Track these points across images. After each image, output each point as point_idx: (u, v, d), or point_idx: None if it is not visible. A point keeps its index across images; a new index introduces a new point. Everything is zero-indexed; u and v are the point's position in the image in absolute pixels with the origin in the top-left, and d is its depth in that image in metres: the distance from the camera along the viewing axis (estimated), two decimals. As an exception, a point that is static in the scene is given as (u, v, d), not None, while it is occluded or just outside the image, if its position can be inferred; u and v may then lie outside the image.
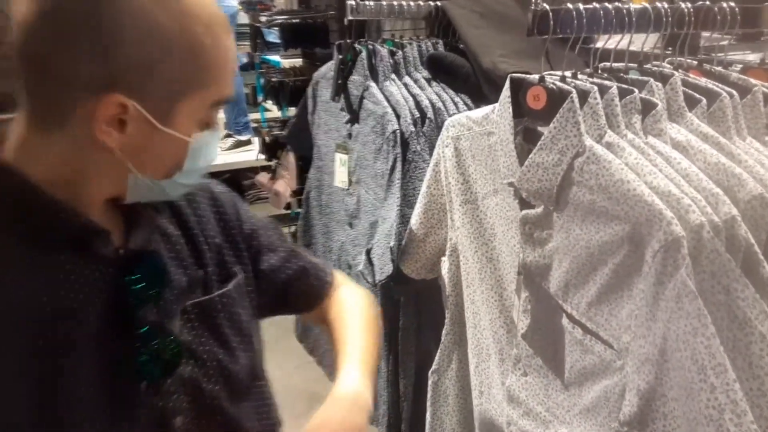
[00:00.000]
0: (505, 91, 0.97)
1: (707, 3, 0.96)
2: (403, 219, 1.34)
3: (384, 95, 1.41)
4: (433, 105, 1.38)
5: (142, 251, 0.71)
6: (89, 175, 0.66)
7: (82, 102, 0.61)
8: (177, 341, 0.71)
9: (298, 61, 3.75)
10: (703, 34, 1.18)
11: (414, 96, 1.40)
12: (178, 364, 0.71)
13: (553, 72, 0.95)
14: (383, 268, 1.40)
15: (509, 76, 0.97)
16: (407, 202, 1.34)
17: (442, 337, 1.24)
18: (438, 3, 1.55)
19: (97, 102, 0.60)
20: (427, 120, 1.35)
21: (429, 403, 1.28)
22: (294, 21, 3.39)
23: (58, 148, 0.64)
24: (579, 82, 0.90)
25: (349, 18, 1.49)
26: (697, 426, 0.70)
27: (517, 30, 1.49)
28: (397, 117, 1.37)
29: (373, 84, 1.44)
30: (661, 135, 0.84)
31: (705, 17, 0.95)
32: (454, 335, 1.23)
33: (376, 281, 1.41)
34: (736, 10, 0.94)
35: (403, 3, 1.51)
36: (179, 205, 0.78)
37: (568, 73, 0.93)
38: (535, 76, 0.93)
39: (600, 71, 0.97)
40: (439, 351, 1.25)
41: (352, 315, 0.89)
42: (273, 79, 3.61)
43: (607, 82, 0.88)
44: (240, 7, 5.21)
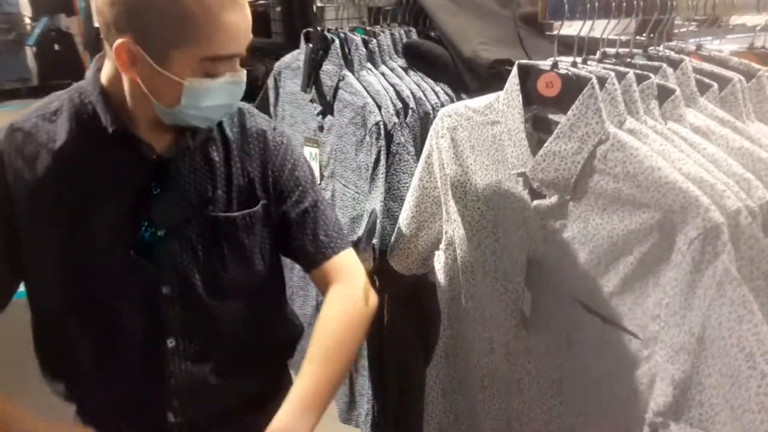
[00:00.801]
0: (513, 78, 0.94)
1: None
2: (389, 213, 1.30)
3: (362, 85, 1.35)
4: (413, 94, 1.33)
5: (169, 160, 0.98)
6: (130, 96, 0.94)
7: (112, 40, 0.86)
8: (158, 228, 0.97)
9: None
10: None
11: (393, 86, 1.35)
12: (169, 247, 0.98)
13: (562, 58, 0.93)
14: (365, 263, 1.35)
15: (517, 63, 0.94)
16: (392, 196, 1.30)
17: (440, 332, 1.21)
18: (409, -11, 1.51)
19: (119, 41, 0.86)
20: (409, 110, 1.31)
21: (427, 399, 1.24)
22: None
23: (113, 74, 0.93)
24: (593, 68, 0.88)
25: (319, 5, 1.42)
26: (744, 413, 0.70)
27: (491, 18, 1.48)
28: (378, 107, 1.32)
29: (349, 74, 1.39)
30: (681, 121, 0.83)
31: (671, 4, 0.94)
32: (452, 329, 1.20)
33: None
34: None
35: (374, -11, 1.46)
36: (230, 140, 1.03)
37: (579, 59, 0.91)
38: (547, 63, 0.91)
39: (606, 57, 0.95)
40: (437, 346, 1.21)
41: (319, 338, 0.99)
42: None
43: (622, 68, 0.87)
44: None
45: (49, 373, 1.04)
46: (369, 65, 1.40)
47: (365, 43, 1.42)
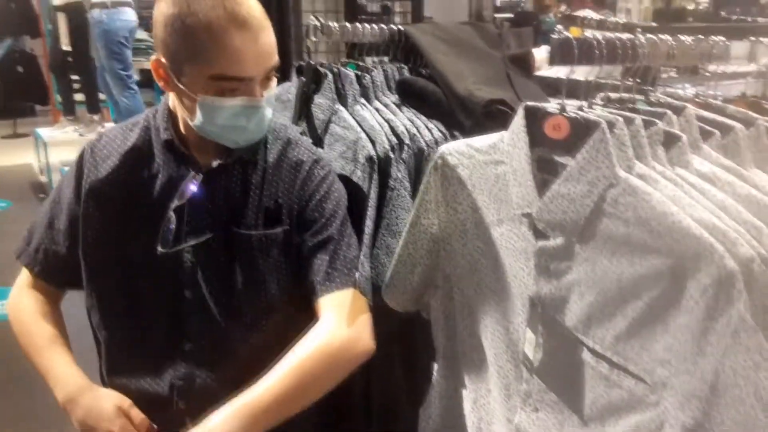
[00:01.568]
0: (520, 120, 0.94)
1: (657, 37, 0.97)
2: (387, 250, 1.28)
3: (356, 120, 1.35)
4: (408, 130, 1.33)
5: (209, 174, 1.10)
6: (178, 111, 1.09)
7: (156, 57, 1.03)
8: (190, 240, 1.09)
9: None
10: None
11: (388, 121, 1.34)
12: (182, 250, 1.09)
13: (568, 101, 0.94)
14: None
15: (524, 105, 0.94)
16: (390, 232, 1.29)
17: (434, 372, 1.19)
18: (401, 27, 1.52)
19: (152, 58, 1.03)
20: (405, 146, 1.31)
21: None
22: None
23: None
24: (600, 113, 0.89)
25: (313, 39, 1.42)
26: (760, 462, 0.70)
27: (483, 59, 1.49)
28: (372, 142, 1.31)
29: (342, 108, 1.38)
30: (688, 167, 0.85)
31: (656, 52, 0.96)
32: (446, 369, 1.18)
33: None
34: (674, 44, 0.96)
35: (366, 26, 1.46)
36: (268, 165, 1.13)
37: (585, 103, 0.92)
38: (554, 105, 0.92)
39: (610, 101, 0.97)
40: (430, 386, 1.19)
41: (284, 362, 1.02)
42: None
43: (628, 114, 0.88)
44: (137, 21, 4.97)
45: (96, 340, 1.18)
46: (363, 100, 1.40)
47: (359, 78, 1.42)
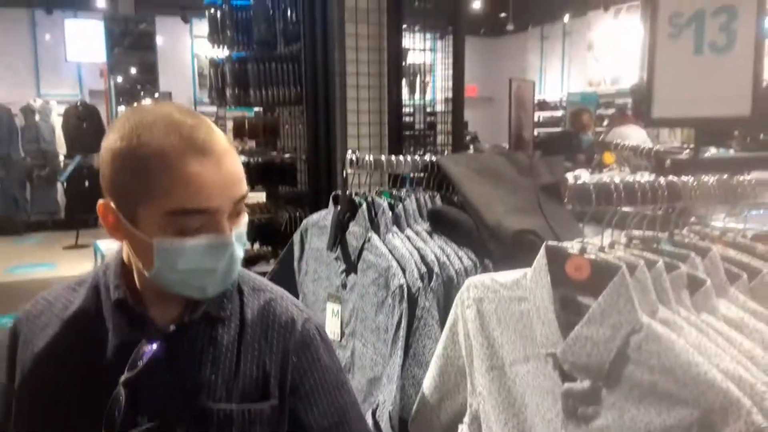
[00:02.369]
0: (542, 259, 0.95)
1: (678, 180, 0.98)
2: (413, 380, 1.27)
3: (387, 248, 1.38)
4: (438, 259, 1.35)
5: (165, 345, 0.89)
6: (131, 263, 0.92)
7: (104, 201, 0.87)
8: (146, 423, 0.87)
9: (258, 197, 3.76)
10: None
11: (418, 249, 1.37)
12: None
13: (589, 240, 0.95)
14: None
15: (545, 244, 0.96)
16: (417, 362, 1.28)
17: None
18: (434, 158, 1.58)
19: (99, 202, 0.86)
20: (434, 275, 1.32)
21: None
22: (260, 160, 3.42)
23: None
24: (622, 254, 0.89)
25: (348, 171, 1.48)
26: None
27: (513, 187, 1.53)
28: (402, 271, 1.33)
29: (375, 236, 1.42)
30: (714, 312, 0.83)
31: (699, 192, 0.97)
32: None
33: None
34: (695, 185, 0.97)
35: (400, 158, 1.53)
36: (247, 322, 0.94)
37: (606, 243, 0.93)
38: (575, 246, 0.92)
39: (632, 241, 0.97)
40: None
41: None
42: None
43: (650, 255, 0.88)
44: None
45: None
46: (395, 228, 1.44)
47: (391, 207, 1.47)
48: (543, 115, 11.64)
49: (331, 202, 1.55)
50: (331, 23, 3.01)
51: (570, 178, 1.73)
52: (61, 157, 9.36)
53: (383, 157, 1.51)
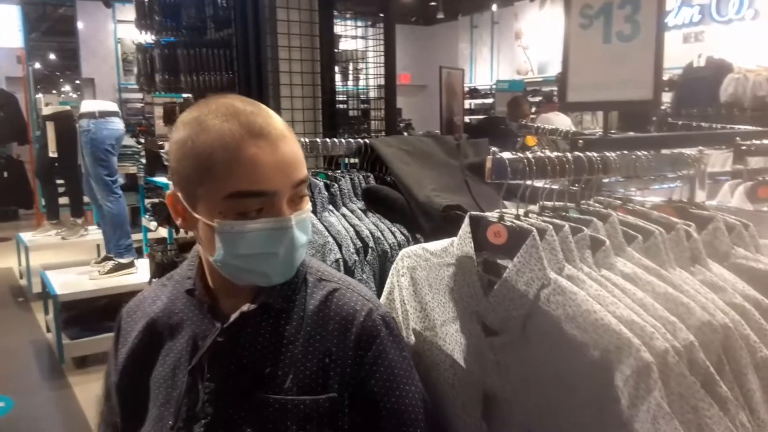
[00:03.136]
0: (466, 227, 1.05)
1: (584, 155, 1.10)
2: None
3: (324, 225, 1.45)
4: (372, 234, 1.44)
5: (228, 334, 0.93)
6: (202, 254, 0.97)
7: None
8: (199, 409, 0.91)
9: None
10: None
11: (354, 226, 1.45)
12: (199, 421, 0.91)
13: (507, 210, 1.05)
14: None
15: (468, 214, 1.06)
16: (354, 331, 1.36)
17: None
18: (367, 140, 1.66)
19: (168, 192, 0.92)
20: (369, 249, 1.41)
21: None
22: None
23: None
24: (533, 221, 1.00)
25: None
26: None
27: (442, 168, 1.63)
28: (339, 246, 1.41)
29: (311, 215, 1.48)
30: (612, 268, 0.95)
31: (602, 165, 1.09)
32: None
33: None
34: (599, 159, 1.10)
35: (335, 140, 1.60)
36: (306, 313, 0.96)
37: (521, 212, 1.03)
38: (494, 215, 1.03)
39: (544, 210, 1.08)
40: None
41: None
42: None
43: (558, 221, 0.99)
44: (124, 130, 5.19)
45: None
46: (331, 207, 1.51)
47: (327, 187, 1.54)
48: (474, 102, 11.92)
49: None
50: (262, 9, 3.04)
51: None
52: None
53: (318, 139, 1.58)
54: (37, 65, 9.40)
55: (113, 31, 10.76)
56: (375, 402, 0.94)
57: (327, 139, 1.58)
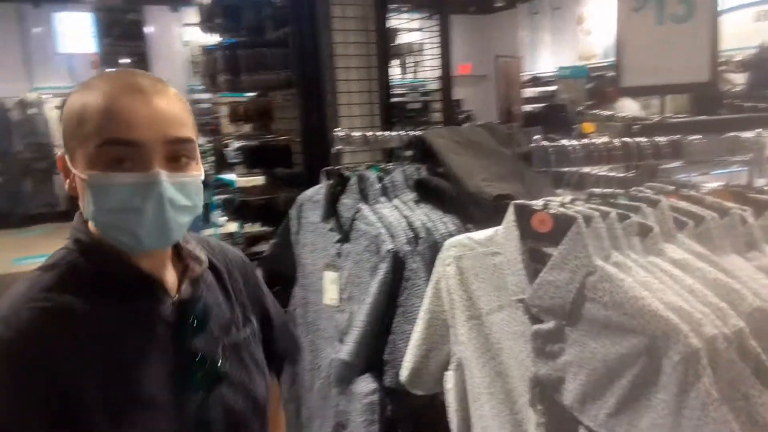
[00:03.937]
0: (511, 216, 1.06)
1: (633, 140, 1.09)
2: (404, 336, 1.38)
3: (377, 217, 1.48)
4: (424, 225, 1.46)
5: (191, 298, 0.96)
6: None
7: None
8: (220, 366, 0.96)
9: (254, 180, 3.85)
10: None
11: (406, 217, 1.48)
12: (221, 381, 0.96)
13: (552, 198, 1.05)
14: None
15: (513, 203, 1.06)
16: (406, 319, 1.39)
17: (450, 455, 1.24)
18: (417, 133, 1.68)
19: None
20: (420, 239, 1.43)
21: None
22: (256, 143, 3.52)
23: None
24: (579, 208, 0.99)
25: (338, 147, 1.58)
26: None
27: (494, 157, 1.63)
28: (392, 237, 1.44)
29: (365, 206, 1.52)
30: (661, 255, 0.93)
31: (678, 149, 1.08)
32: (462, 452, 1.24)
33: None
34: (705, 141, 1.08)
35: (386, 133, 1.62)
36: (218, 267, 1.05)
37: (568, 199, 1.03)
38: (539, 203, 1.03)
39: (593, 197, 1.07)
40: (448, 470, 1.25)
41: None
42: (234, 198, 3.68)
43: (605, 208, 0.98)
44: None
45: None
46: (383, 199, 1.54)
47: (380, 179, 1.57)
48: (537, 90, 11.68)
49: (323, 177, 1.64)
50: (317, 6, 3.09)
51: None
52: (57, 150, 9.45)
53: (369, 133, 1.61)
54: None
55: (180, 35, 11.14)
56: (269, 312, 1.17)
57: (378, 132, 1.60)
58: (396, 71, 3.66)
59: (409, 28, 3.84)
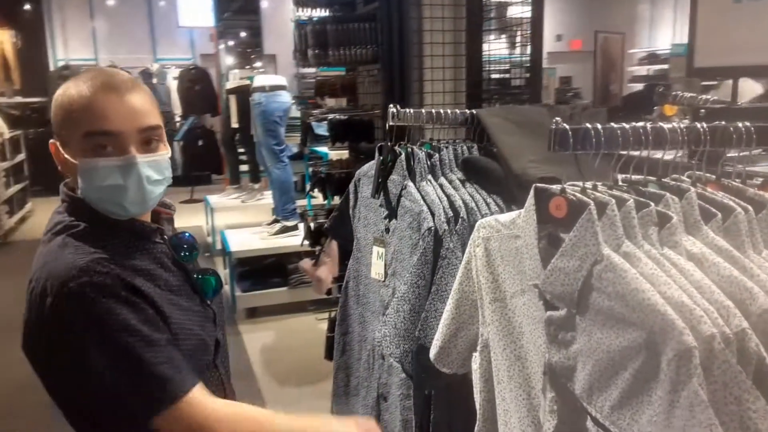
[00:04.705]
0: (530, 199, 1.04)
1: (723, 123, 1.02)
2: (436, 314, 1.39)
3: (420, 194, 1.49)
4: (466, 205, 1.45)
5: (175, 235, 1.22)
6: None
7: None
8: (216, 276, 1.25)
9: (344, 154, 3.95)
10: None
11: (448, 196, 1.48)
12: (222, 286, 1.26)
13: (575, 183, 1.02)
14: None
15: (534, 185, 1.04)
16: (440, 297, 1.40)
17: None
18: (473, 111, 1.66)
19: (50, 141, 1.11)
20: (460, 219, 1.43)
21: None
22: (342, 118, 3.59)
23: None
24: (598, 194, 0.96)
25: (390, 123, 1.60)
26: None
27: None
28: (432, 215, 1.45)
29: (410, 183, 1.54)
30: (676, 247, 0.89)
31: (722, 136, 1.01)
32: (486, 432, 1.24)
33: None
34: (752, 129, 1.00)
35: (440, 111, 1.62)
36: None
37: (589, 185, 1.00)
38: (557, 187, 1.00)
39: (621, 183, 1.03)
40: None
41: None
42: (320, 170, 3.79)
43: (624, 195, 0.94)
44: (293, 102, 5.56)
45: None
46: (430, 177, 1.55)
47: (429, 156, 1.57)
48: (653, 68, 10.99)
49: (376, 152, 1.67)
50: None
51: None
52: (177, 118, 10.08)
53: (423, 110, 1.61)
54: (230, 43, 10.29)
55: (294, 10, 11.45)
56: None
57: (432, 110, 1.60)
58: (497, 46, 3.57)
59: (516, 1, 3.73)
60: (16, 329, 1.07)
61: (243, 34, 10.88)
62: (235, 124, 6.52)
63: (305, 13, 3.75)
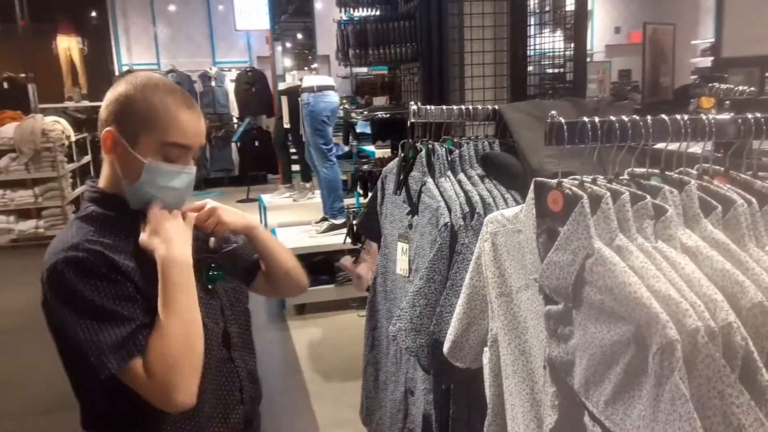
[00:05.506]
0: (530, 194, 1.04)
1: (748, 116, 0.99)
2: (450, 308, 1.40)
3: (439, 190, 1.51)
4: (483, 200, 1.46)
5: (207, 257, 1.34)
6: (107, 180, 1.26)
7: (101, 132, 1.22)
8: (219, 266, 1.33)
9: (388, 152, 3.98)
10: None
11: (466, 192, 1.48)
12: (222, 276, 1.33)
13: (576, 176, 1.01)
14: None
15: (534, 180, 1.04)
16: (454, 292, 1.41)
17: (485, 429, 1.26)
18: (496, 107, 1.66)
19: (105, 130, 1.21)
20: (476, 215, 1.43)
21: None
22: (384, 116, 3.62)
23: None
24: (595, 188, 0.95)
25: (412, 121, 1.62)
26: None
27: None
28: (449, 211, 1.46)
29: (430, 180, 1.55)
30: (670, 240, 0.87)
31: (747, 128, 0.98)
32: (497, 426, 1.25)
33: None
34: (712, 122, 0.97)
35: (462, 107, 1.63)
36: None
37: (588, 178, 0.99)
38: (554, 181, 1.00)
39: (623, 177, 1.02)
40: (482, 439, 1.27)
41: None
42: (363, 168, 3.83)
43: (621, 188, 0.93)
44: (345, 102, 5.62)
45: None
46: (449, 173, 1.56)
47: (449, 152, 1.58)
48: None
49: (399, 149, 1.69)
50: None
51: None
52: (234, 119, 10.36)
53: (444, 107, 1.62)
54: (287, 45, 10.47)
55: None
56: None
57: (454, 107, 1.61)
58: (540, 41, 3.53)
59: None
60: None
61: (298, 36, 11.07)
62: (286, 125, 6.64)
63: (351, 12, 3.80)
